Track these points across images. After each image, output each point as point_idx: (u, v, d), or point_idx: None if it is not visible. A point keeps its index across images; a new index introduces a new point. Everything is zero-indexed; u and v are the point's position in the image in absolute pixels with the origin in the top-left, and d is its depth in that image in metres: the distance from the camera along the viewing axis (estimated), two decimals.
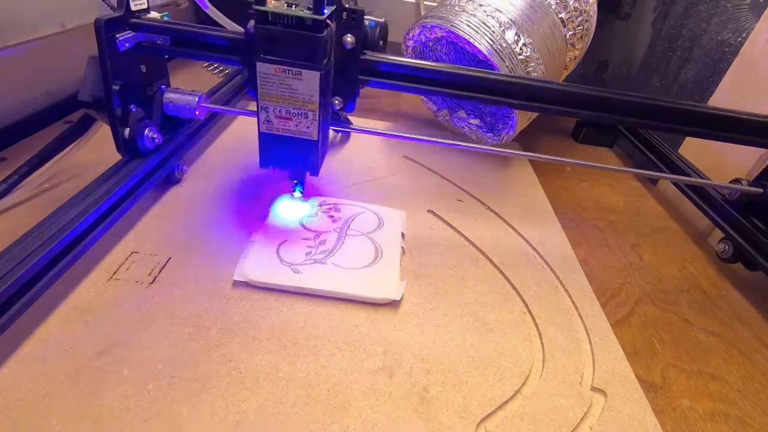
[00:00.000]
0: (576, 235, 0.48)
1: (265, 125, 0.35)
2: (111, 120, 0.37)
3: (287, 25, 0.31)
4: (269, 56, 0.32)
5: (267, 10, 0.31)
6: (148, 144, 0.39)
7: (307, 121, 0.34)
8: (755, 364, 0.36)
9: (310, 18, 0.30)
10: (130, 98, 0.38)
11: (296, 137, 0.35)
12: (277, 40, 0.31)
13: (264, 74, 0.33)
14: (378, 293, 0.35)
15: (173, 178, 0.45)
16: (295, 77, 0.32)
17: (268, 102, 0.34)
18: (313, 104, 0.33)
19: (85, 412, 0.25)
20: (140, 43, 0.37)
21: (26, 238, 0.29)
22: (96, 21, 0.33)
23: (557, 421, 0.29)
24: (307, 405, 0.27)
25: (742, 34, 0.55)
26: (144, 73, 0.39)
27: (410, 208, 0.46)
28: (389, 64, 0.37)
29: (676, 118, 0.39)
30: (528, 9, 0.52)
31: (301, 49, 0.31)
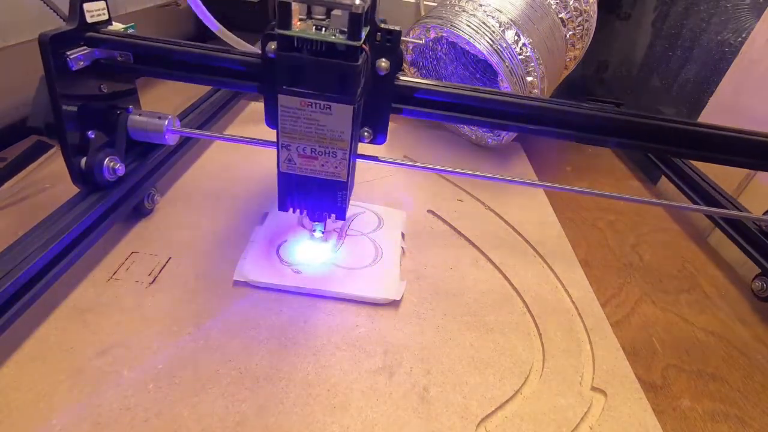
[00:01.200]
0: (576, 235, 0.48)
1: (286, 164, 0.30)
2: (63, 149, 0.32)
3: (315, 52, 0.26)
4: (294, 87, 0.27)
5: (292, 35, 0.26)
6: (107, 175, 0.34)
7: (335, 161, 0.30)
8: (755, 364, 0.36)
9: (343, 44, 0.26)
10: (88, 123, 0.33)
11: (322, 178, 0.31)
12: (304, 69, 0.27)
13: (286, 108, 0.28)
14: (378, 293, 0.35)
15: (142, 210, 0.40)
16: (324, 111, 0.28)
17: (290, 139, 0.29)
18: (343, 142, 0.29)
19: (85, 412, 0.25)
20: (98, 60, 0.32)
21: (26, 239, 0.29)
22: (40, 36, 0.28)
23: (557, 421, 0.29)
24: (307, 405, 0.27)
25: (742, 34, 0.55)
26: (105, 94, 0.34)
27: (410, 208, 0.46)
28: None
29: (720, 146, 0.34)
30: (528, 9, 0.52)
31: (332, 79, 0.27)
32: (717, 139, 0.34)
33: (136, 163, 0.37)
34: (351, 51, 0.26)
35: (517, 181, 0.38)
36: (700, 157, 0.35)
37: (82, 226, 0.31)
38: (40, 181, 0.42)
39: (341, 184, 0.31)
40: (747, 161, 0.35)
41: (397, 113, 0.34)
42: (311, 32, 0.26)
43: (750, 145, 0.34)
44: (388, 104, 0.32)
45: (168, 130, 0.35)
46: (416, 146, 0.59)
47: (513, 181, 0.38)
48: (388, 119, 0.33)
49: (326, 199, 0.32)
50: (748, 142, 0.34)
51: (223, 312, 0.33)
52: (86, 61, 0.31)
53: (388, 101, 0.32)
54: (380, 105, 0.32)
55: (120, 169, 0.34)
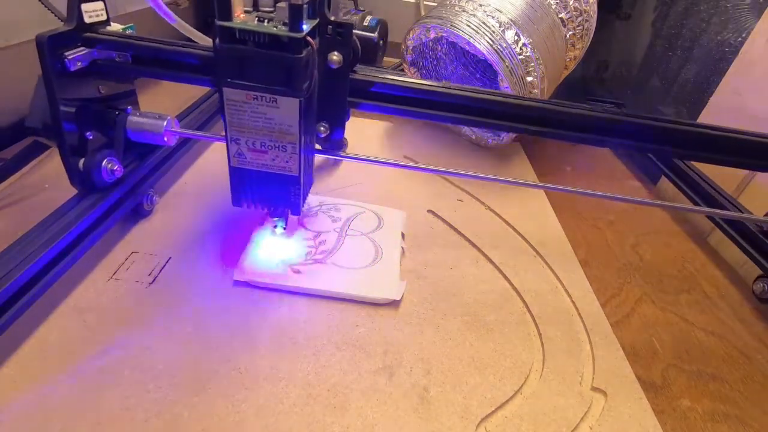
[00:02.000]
0: (576, 235, 0.48)
1: (236, 159, 0.30)
2: (61, 150, 0.32)
3: (259, 44, 0.26)
4: (238, 80, 0.26)
5: (233, 26, 0.25)
6: (105, 177, 0.33)
7: (285, 155, 0.29)
8: (755, 364, 0.36)
9: (285, 36, 0.25)
10: (86, 123, 0.33)
11: (274, 172, 0.30)
12: (248, 61, 0.26)
13: (233, 101, 0.27)
14: (378, 293, 0.35)
15: (141, 211, 0.40)
16: (270, 105, 0.27)
17: (238, 133, 0.29)
18: (292, 136, 0.28)
19: (85, 412, 0.25)
20: (96, 60, 0.32)
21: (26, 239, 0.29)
22: (37, 37, 0.28)
23: (557, 421, 0.29)
24: (307, 405, 0.27)
25: (742, 34, 0.55)
26: (104, 95, 0.34)
27: (410, 208, 0.46)
28: (384, 84, 0.32)
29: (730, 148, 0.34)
30: (528, 9, 0.52)
31: (276, 72, 0.26)
32: (718, 140, 0.34)
33: (134, 164, 0.37)
34: (294, 43, 0.25)
35: (516, 182, 0.38)
36: (700, 158, 0.35)
37: (80, 227, 0.31)
38: (40, 181, 0.42)
39: (293, 178, 0.30)
40: (747, 162, 0.35)
41: (354, 107, 0.33)
42: (252, 24, 0.26)
43: (750, 145, 0.34)
44: (344, 98, 0.32)
45: (167, 131, 0.35)
46: (416, 146, 0.59)
47: (512, 182, 0.38)
48: (345, 113, 0.32)
49: (279, 194, 0.31)
50: (748, 142, 0.34)
51: (223, 312, 0.33)
52: (84, 61, 0.31)
53: (343, 95, 0.32)
54: (336, 100, 0.32)
55: (118, 170, 0.34)
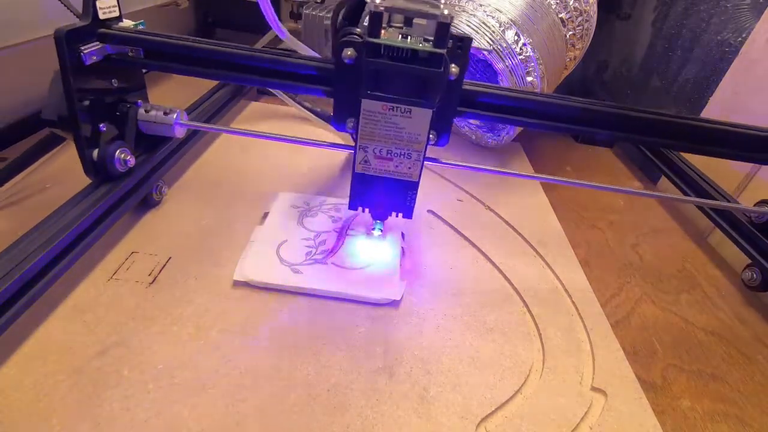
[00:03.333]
0: (576, 235, 0.48)
1: (362, 165, 0.32)
2: (77, 141, 0.33)
3: (398, 59, 0.27)
4: (378, 92, 0.28)
5: (380, 42, 0.27)
6: (118, 167, 0.35)
7: (409, 162, 0.31)
8: (755, 364, 0.36)
9: (427, 51, 0.27)
10: (99, 116, 0.34)
11: (394, 178, 0.32)
12: (389, 75, 0.28)
13: (368, 112, 0.29)
14: (378, 293, 0.35)
15: (151, 201, 0.41)
16: (404, 115, 0.29)
17: (368, 141, 0.30)
18: (419, 144, 0.30)
19: (85, 412, 0.25)
20: (109, 55, 0.34)
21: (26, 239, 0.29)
22: (56, 32, 0.30)
23: (557, 421, 0.29)
24: (307, 405, 0.27)
25: (742, 34, 0.55)
26: (116, 88, 0.36)
27: None
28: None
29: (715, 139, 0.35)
30: (528, 9, 0.52)
31: (415, 85, 0.28)
32: (712, 133, 0.35)
33: (144, 155, 0.38)
34: (435, 58, 0.27)
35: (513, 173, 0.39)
36: (693, 150, 0.36)
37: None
38: (40, 181, 0.42)
39: (413, 184, 0.32)
40: (738, 153, 0.36)
41: (460, 116, 0.34)
42: (398, 40, 0.27)
43: (741, 138, 0.35)
44: (454, 108, 0.33)
45: (176, 123, 0.36)
46: None
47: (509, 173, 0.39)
48: (452, 122, 0.33)
49: (396, 199, 0.33)
50: (739, 135, 0.35)
51: (223, 312, 0.33)
52: (98, 56, 0.33)
53: (454, 105, 0.32)
54: (447, 109, 0.32)
55: (130, 160, 0.36)
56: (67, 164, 0.43)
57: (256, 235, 0.39)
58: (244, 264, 0.36)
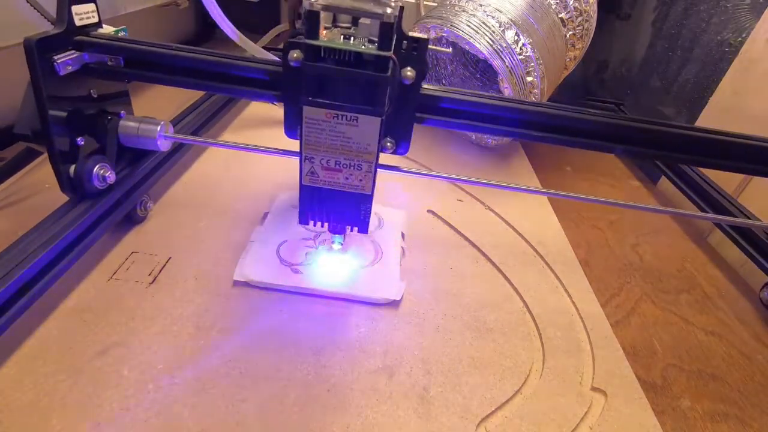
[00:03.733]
0: (576, 235, 0.48)
1: (309, 177, 0.29)
2: (51, 156, 0.31)
3: (343, 62, 0.25)
4: (320, 99, 0.26)
5: (319, 44, 0.25)
6: (97, 183, 0.33)
7: (360, 174, 0.29)
8: (755, 364, 0.36)
9: (374, 54, 0.25)
10: (77, 129, 0.32)
11: (345, 191, 0.30)
12: (331, 80, 0.26)
13: (312, 119, 0.27)
14: (378, 293, 0.35)
15: (135, 217, 0.39)
16: (350, 123, 0.27)
17: (314, 151, 0.28)
18: (369, 154, 0.28)
19: (85, 412, 0.25)
20: (87, 64, 0.31)
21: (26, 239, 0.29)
22: (25, 41, 0.28)
23: (557, 421, 0.29)
24: (307, 405, 0.27)
25: (742, 34, 0.55)
26: (96, 99, 0.33)
27: (410, 208, 0.46)
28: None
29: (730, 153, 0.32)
30: (528, 9, 0.52)
31: (360, 90, 0.26)
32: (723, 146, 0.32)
33: (127, 169, 0.36)
34: (381, 61, 0.25)
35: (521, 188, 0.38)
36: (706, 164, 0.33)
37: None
38: (40, 181, 0.42)
39: (365, 197, 0.30)
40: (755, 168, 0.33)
41: (420, 123, 0.32)
42: (340, 42, 0.26)
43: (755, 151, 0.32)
44: (412, 114, 0.31)
45: (160, 136, 0.34)
46: (416, 146, 0.59)
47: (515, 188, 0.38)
48: (411, 129, 0.32)
49: (349, 213, 0.31)
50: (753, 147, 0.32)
51: (223, 312, 0.33)
52: (75, 65, 0.30)
53: (411, 111, 0.31)
54: (404, 115, 0.31)
55: (110, 176, 0.33)
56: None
57: (256, 235, 0.39)
58: (244, 264, 0.36)
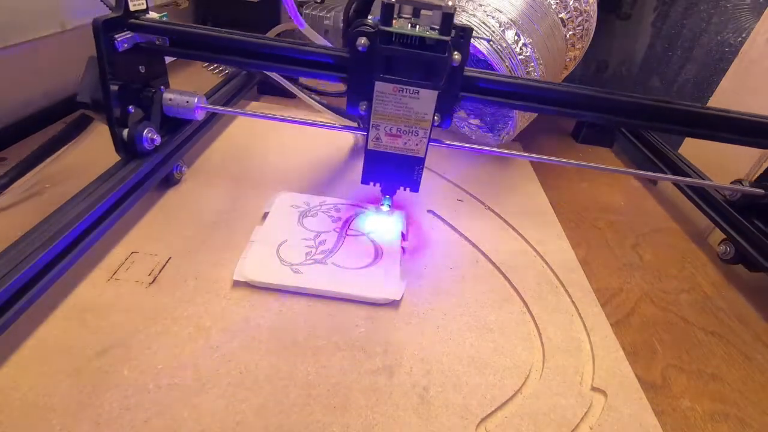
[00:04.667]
0: (576, 235, 0.48)
1: (374, 142, 0.35)
2: (109, 121, 0.36)
3: (407, 45, 0.31)
4: (389, 75, 0.32)
5: (393, 31, 0.30)
6: (146, 145, 0.38)
7: (416, 139, 0.35)
8: (755, 364, 0.36)
9: (434, 38, 0.31)
10: (128, 99, 0.37)
11: (403, 154, 0.36)
12: (399, 60, 0.31)
13: (381, 93, 0.33)
14: (378, 293, 0.35)
15: (172, 179, 0.45)
16: (413, 96, 0.33)
17: (380, 120, 0.34)
18: (425, 122, 0.34)
19: (85, 412, 0.25)
20: (138, 43, 0.37)
21: (26, 239, 0.29)
22: (94, 21, 0.33)
23: (557, 421, 0.29)
24: (307, 405, 0.27)
25: (742, 34, 0.55)
26: (143, 74, 0.39)
27: (410, 208, 0.46)
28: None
29: (677, 118, 0.38)
30: (528, 9, 0.52)
31: (422, 69, 0.31)
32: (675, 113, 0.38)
33: (167, 137, 0.42)
34: (440, 45, 0.31)
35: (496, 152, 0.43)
36: (656, 128, 0.41)
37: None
38: (40, 181, 0.42)
39: (419, 159, 0.36)
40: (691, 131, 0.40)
41: (463, 100, 0.37)
42: (408, 29, 0.31)
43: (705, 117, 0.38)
44: (457, 93, 0.36)
45: (197, 107, 0.40)
46: None
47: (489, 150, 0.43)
48: (454, 106, 0.37)
49: (405, 173, 0.37)
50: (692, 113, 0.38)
51: (223, 312, 0.33)
52: (129, 44, 0.36)
53: (456, 90, 0.36)
54: (450, 93, 0.35)
55: (157, 139, 0.39)
56: (65, 166, 0.43)
57: (256, 235, 0.39)
58: (244, 264, 0.36)
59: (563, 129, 0.76)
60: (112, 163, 0.38)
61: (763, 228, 0.43)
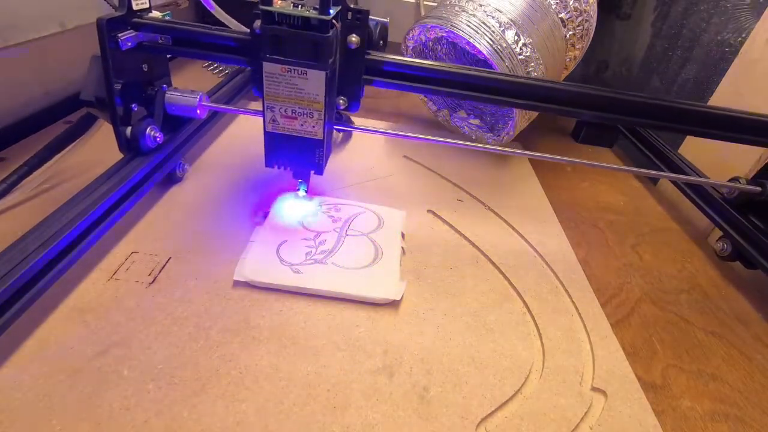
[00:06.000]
0: (576, 235, 0.48)
1: (271, 124, 0.35)
2: (113, 119, 0.37)
3: (293, 25, 0.31)
4: (275, 56, 0.32)
5: (273, 10, 0.31)
6: (149, 143, 0.39)
7: (312, 121, 0.34)
8: (755, 364, 0.36)
9: (316, 18, 0.30)
10: (132, 97, 0.38)
11: (301, 137, 0.35)
12: (283, 40, 0.31)
13: (270, 74, 0.33)
14: (378, 293, 0.35)
15: (174, 177, 0.45)
16: (301, 77, 0.32)
17: (273, 101, 0.34)
18: (318, 104, 0.34)
19: (85, 412, 0.25)
20: (142, 42, 0.37)
21: (27, 238, 0.29)
22: (98, 20, 0.33)
23: (557, 421, 0.29)
24: (307, 405, 0.27)
25: (742, 34, 0.55)
26: (146, 73, 0.39)
27: (410, 208, 0.46)
28: (393, 63, 0.37)
29: (677, 117, 0.39)
30: (528, 9, 0.52)
31: (307, 49, 0.31)
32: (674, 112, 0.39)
33: (169, 135, 0.42)
34: (322, 24, 0.31)
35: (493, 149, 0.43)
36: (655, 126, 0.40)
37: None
38: (40, 181, 0.42)
39: (318, 142, 0.36)
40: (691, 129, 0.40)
41: (369, 84, 0.38)
42: (289, 8, 0.31)
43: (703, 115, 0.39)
44: (360, 76, 0.37)
45: (199, 105, 0.40)
46: (416, 146, 0.59)
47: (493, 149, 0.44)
48: (360, 89, 0.37)
49: (306, 156, 0.37)
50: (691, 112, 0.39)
51: (223, 312, 0.33)
52: (132, 43, 0.36)
53: (359, 73, 0.36)
54: (353, 76, 0.37)
55: (159, 137, 0.39)
56: (66, 165, 0.43)
57: (256, 235, 0.39)
58: (244, 264, 0.36)
59: (563, 129, 0.76)
60: (115, 161, 0.38)
61: (759, 225, 0.43)
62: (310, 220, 0.42)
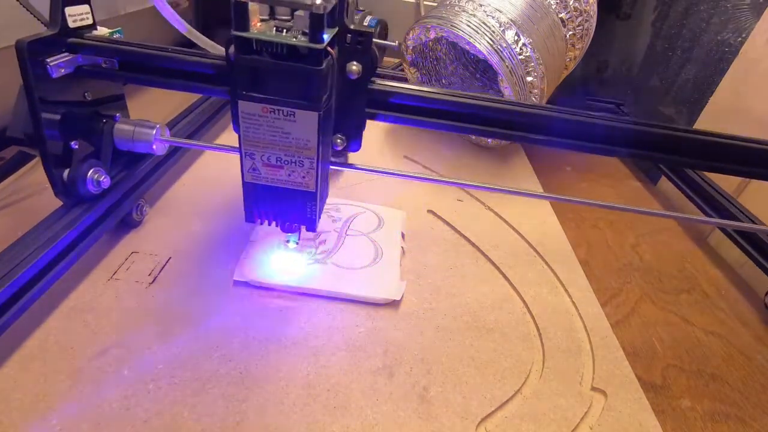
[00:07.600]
0: (576, 235, 0.48)
1: (251, 174, 0.28)
2: (44, 160, 0.30)
3: (276, 55, 0.24)
4: (253, 93, 0.25)
5: (250, 36, 0.23)
6: (91, 188, 0.32)
7: (302, 170, 0.27)
8: (755, 364, 0.36)
9: (305, 46, 0.24)
10: (71, 132, 0.31)
11: (289, 189, 0.28)
12: (265, 73, 0.24)
13: (248, 114, 0.25)
14: (378, 293, 0.35)
15: (130, 221, 0.38)
16: (288, 119, 0.25)
17: (253, 147, 0.27)
18: (310, 150, 0.26)
19: (85, 412, 0.25)
20: (81, 66, 0.31)
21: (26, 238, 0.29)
22: (17, 42, 0.27)
23: (557, 421, 0.29)
24: (307, 405, 0.27)
25: (742, 34, 0.55)
26: (89, 101, 0.33)
27: (410, 208, 0.46)
28: (404, 95, 0.30)
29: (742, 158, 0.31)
30: (528, 9, 0.52)
31: (294, 84, 0.24)
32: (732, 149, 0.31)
33: (123, 173, 0.36)
34: (314, 54, 0.24)
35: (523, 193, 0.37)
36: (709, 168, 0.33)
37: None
38: (40, 181, 0.42)
39: (310, 194, 0.28)
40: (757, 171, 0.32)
41: (372, 119, 0.31)
42: (270, 33, 0.24)
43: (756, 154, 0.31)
44: (362, 110, 0.30)
45: (156, 140, 0.33)
46: (416, 146, 0.59)
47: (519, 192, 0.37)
48: (362, 126, 0.31)
49: (295, 210, 0.29)
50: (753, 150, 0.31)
51: (223, 312, 0.33)
52: (68, 68, 0.30)
53: (361, 106, 0.30)
54: (353, 110, 0.30)
55: (105, 181, 0.33)
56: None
57: (256, 235, 0.39)
58: (244, 264, 0.36)
59: None
60: None
61: None
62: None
